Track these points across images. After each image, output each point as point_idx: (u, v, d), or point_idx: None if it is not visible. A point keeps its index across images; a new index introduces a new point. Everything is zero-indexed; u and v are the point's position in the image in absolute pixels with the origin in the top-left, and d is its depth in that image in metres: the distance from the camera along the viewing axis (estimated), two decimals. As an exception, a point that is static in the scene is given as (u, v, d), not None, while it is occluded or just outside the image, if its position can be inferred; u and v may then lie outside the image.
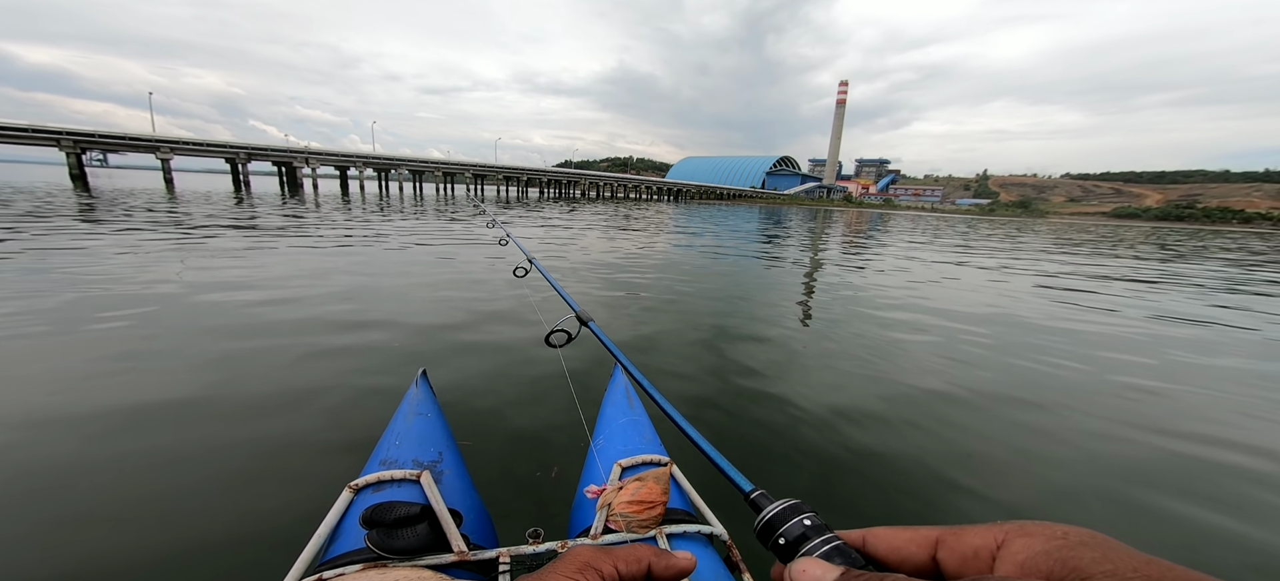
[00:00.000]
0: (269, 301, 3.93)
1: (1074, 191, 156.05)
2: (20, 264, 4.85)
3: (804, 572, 0.26)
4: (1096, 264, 10.80)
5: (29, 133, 26.53)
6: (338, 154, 38.82)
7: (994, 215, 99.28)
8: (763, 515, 0.30)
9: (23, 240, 6.26)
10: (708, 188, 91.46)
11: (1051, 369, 3.36)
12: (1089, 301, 6.02)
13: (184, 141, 31.97)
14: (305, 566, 0.66)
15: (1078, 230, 36.37)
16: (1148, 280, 8.42)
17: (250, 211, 12.22)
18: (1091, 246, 16.87)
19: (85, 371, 2.47)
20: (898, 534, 0.28)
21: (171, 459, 1.78)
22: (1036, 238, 21.18)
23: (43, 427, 1.93)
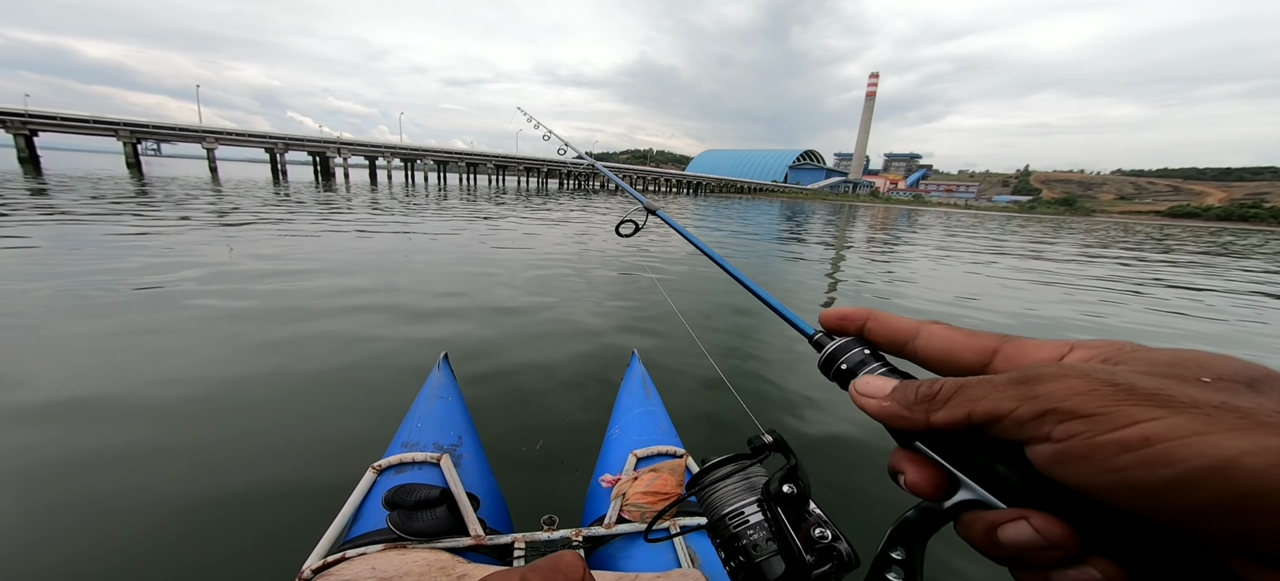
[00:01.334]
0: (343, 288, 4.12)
1: (1125, 188, 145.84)
2: (149, 245, 5.24)
3: (867, 383, 0.27)
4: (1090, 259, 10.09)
5: (91, 123, 28.55)
6: (367, 144, 40.13)
7: (1034, 212, 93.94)
8: (825, 350, 0.30)
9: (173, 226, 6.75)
10: (728, 181, 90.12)
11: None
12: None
13: (227, 132, 33.72)
14: (330, 544, 0.69)
15: (1119, 229, 34.01)
16: (1191, 285, 7.80)
17: (325, 197, 12.82)
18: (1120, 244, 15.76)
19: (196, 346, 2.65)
20: (954, 334, 0.26)
21: (231, 424, 1.90)
22: (1058, 237, 19.94)
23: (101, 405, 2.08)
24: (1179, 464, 0.15)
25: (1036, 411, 0.18)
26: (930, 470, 0.24)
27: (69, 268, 4.22)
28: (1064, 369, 0.19)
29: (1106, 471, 0.17)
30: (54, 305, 3.26)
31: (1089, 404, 0.17)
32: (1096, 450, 0.17)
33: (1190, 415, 0.16)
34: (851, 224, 19.47)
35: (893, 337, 0.28)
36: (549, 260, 6.17)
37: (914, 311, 4.66)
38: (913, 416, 0.23)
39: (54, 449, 1.73)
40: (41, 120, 27.10)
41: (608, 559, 0.78)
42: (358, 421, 2.04)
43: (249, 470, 1.69)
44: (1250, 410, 0.15)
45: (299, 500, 1.55)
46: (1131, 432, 0.16)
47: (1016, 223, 33.18)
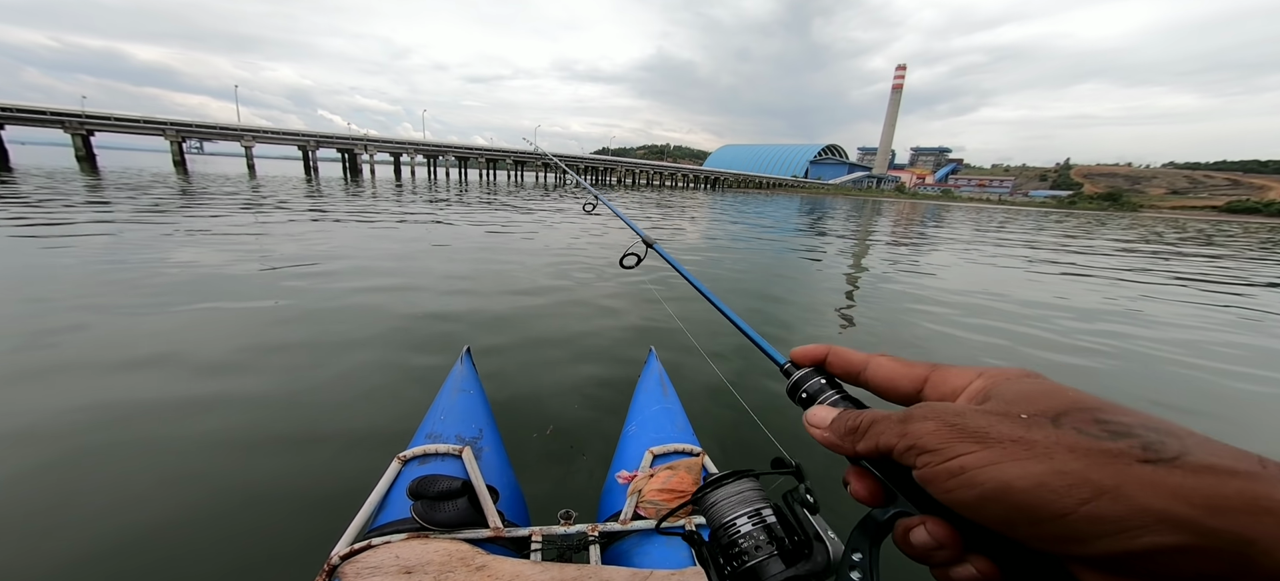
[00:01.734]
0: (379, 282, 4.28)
1: (1178, 182, 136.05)
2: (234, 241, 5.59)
3: (814, 413, 0.31)
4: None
5: (141, 123, 30.37)
6: (392, 141, 41.32)
7: (1074, 207, 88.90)
8: (792, 378, 0.35)
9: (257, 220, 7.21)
10: (746, 176, 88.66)
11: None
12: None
13: (264, 130, 35.30)
14: (357, 531, 0.72)
15: (1166, 225, 31.82)
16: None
17: (360, 193, 13.34)
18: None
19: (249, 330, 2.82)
20: (894, 366, 0.30)
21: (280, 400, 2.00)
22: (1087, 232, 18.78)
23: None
24: (979, 487, 0.20)
25: (907, 446, 0.24)
26: (870, 482, 0.28)
27: (122, 257, 4.52)
28: (926, 411, 0.24)
29: (944, 491, 0.22)
30: (111, 291, 3.49)
31: (932, 440, 0.22)
32: (938, 475, 0.22)
33: (992, 448, 0.21)
34: (874, 220, 18.88)
35: (848, 369, 0.33)
36: (566, 254, 6.23)
37: (930, 312, 4.49)
38: (844, 445, 0.28)
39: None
40: (97, 120, 28.97)
41: (622, 554, 0.79)
42: (385, 411, 2.12)
43: (283, 456, 1.78)
44: (1032, 442, 0.20)
45: (329, 486, 1.62)
46: (954, 463, 0.21)
47: (1053, 218, 31.49)
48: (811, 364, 0.35)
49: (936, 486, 0.22)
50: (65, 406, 1.99)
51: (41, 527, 1.37)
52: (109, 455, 1.72)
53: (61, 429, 1.84)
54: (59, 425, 1.86)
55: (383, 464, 0.88)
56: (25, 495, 1.49)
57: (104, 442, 1.78)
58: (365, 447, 1.84)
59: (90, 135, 28.82)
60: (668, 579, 0.65)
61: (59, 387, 2.15)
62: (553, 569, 0.66)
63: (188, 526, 1.41)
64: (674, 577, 0.65)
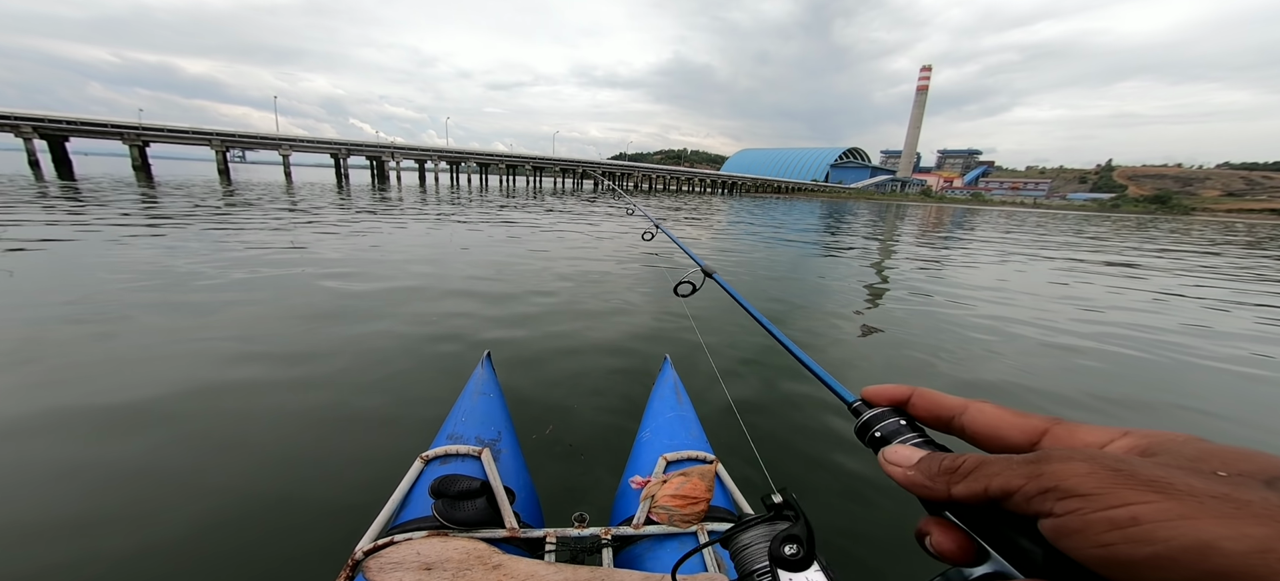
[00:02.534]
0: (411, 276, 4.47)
1: (1234, 183, 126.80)
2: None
3: (895, 452, 0.28)
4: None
5: (191, 134, 32.48)
6: (417, 148, 42.83)
7: (1116, 211, 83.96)
8: (862, 417, 0.33)
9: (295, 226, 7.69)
10: (764, 181, 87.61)
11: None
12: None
13: (300, 139, 37.19)
14: (381, 528, 0.75)
15: (1219, 228, 29.63)
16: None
17: (391, 200, 13.95)
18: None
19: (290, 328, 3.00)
20: (1002, 414, 0.27)
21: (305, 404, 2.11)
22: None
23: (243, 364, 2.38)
24: (1160, 543, 0.16)
25: (1041, 488, 0.20)
26: (958, 536, 0.24)
27: (177, 260, 4.83)
28: (1072, 452, 0.21)
29: (1098, 546, 0.18)
30: (145, 300, 3.74)
31: (1086, 484, 0.19)
32: (1090, 525, 0.18)
33: (1181, 501, 0.17)
34: (897, 226, 18.33)
35: (937, 413, 0.30)
36: (585, 262, 6.30)
37: (963, 321, 4.33)
38: (935, 486, 0.25)
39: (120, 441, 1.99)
40: (152, 132, 31.12)
41: (635, 559, 0.80)
42: (411, 411, 2.20)
43: (313, 453, 1.86)
44: (1246, 501, 0.16)
45: (357, 482, 1.68)
46: (1122, 512, 0.17)
47: (1093, 223, 29.85)
48: (889, 404, 0.32)
49: (1087, 539, 0.18)
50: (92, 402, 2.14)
51: (60, 534, 1.47)
52: (141, 446, 1.83)
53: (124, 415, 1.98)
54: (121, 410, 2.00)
55: (407, 461, 0.92)
56: (44, 497, 1.57)
57: (138, 428, 1.90)
58: (391, 446, 1.91)
59: (146, 146, 30.96)
60: (680, 584, 0.65)
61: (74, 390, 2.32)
62: (566, 570, 0.68)
63: (219, 521, 1.48)
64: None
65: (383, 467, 1.73)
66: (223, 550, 1.37)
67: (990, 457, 0.23)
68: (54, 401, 2.08)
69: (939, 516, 0.26)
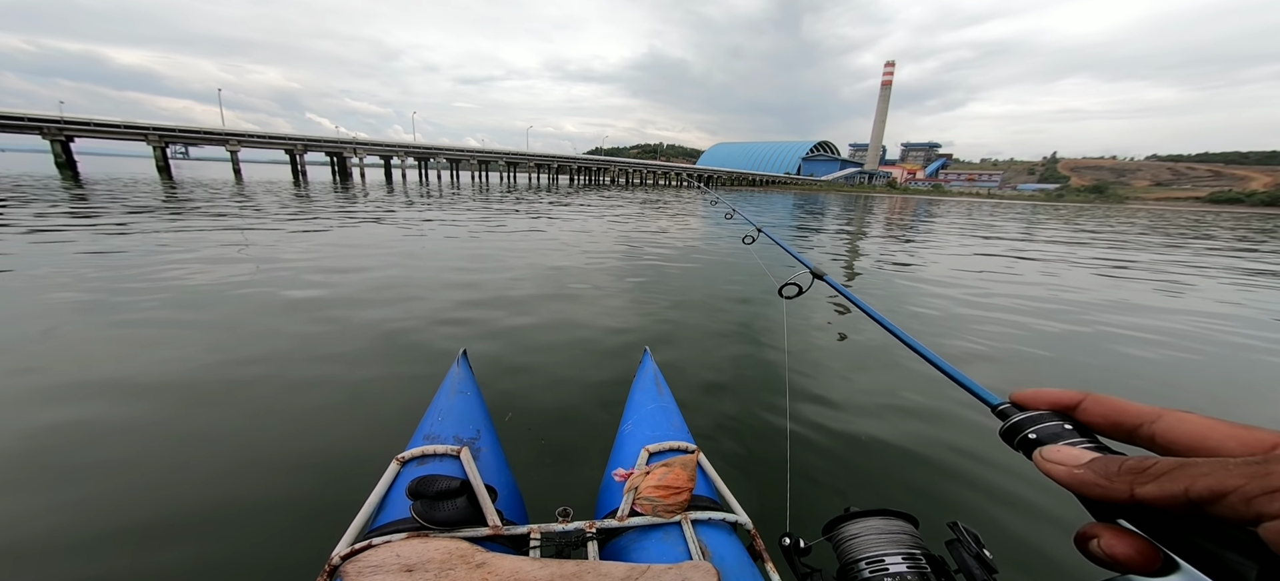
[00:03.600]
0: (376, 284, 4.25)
1: (1162, 174, 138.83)
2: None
3: (1058, 451, 0.26)
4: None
5: (123, 128, 29.76)
6: (382, 144, 40.92)
7: (1061, 200, 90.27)
8: (1011, 419, 0.31)
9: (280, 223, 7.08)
10: (740, 174, 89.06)
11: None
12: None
13: (249, 134, 34.76)
14: (358, 531, 0.73)
15: (1125, 217, 32.44)
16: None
17: (355, 197, 13.20)
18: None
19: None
20: (1212, 424, 0.24)
21: (269, 409, 1.99)
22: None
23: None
24: None
25: (1269, 487, 0.18)
26: (1137, 543, 0.22)
27: (95, 273, 4.44)
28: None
29: None
30: (78, 306, 3.44)
31: None
32: None
33: None
34: (867, 216, 19.05)
35: (1119, 420, 0.27)
36: (560, 257, 6.23)
37: (932, 294, 4.56)
38: (1112, 486, 0.22)
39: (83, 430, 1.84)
40: (77, 126, 28.34)
41: (620, 550, 0.81)
42: (383, 413, 2.12)
43: (284, 459, 1.77)
44: None
45: (329, 488, 1.62)
46: None
47: (1042, 212, 32.04)
48: (1049, 407, 0.30)
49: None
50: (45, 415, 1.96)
51: (16, 554, 1.36)
52: (100, 460, 1.70)
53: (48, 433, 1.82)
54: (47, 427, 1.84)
55: (382, 465, 0.89)
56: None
57: (91, 443, 1.76)
58: (366, 449, 1.84)
59: (70, 141, 28.19)
60: (664, 573, 0.67)
61: (40, 399, 2.12)
62: (551, 565, 0.68)
63: (186, 530, 1.41)
64: (670, 571, 0.67)
65: (358, 471, 1.68)
66: (190, 558, 1.31)
67: (1193, 460, 0.21)
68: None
69: (1110, 522, 0.24)
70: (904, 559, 0.33)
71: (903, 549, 0.34)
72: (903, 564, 0.32)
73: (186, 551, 1.35)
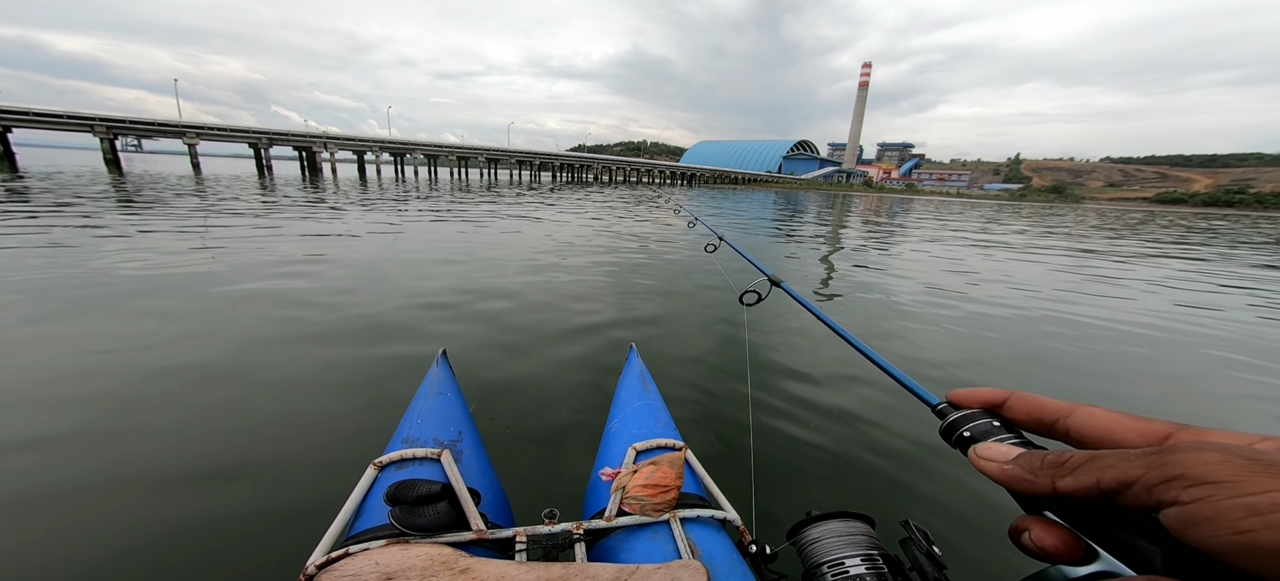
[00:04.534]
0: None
1: (1114, 176, 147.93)
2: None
3: (989, 448, 0.28)
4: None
5: (64, 119, 27.65)
6: (356, 139, 39.42)
7: (1024, 200, 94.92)
8: (949, 418, 0.33)
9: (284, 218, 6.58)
10: (722, 172, 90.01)
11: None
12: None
13: (209, 127, 32.87)
14: (333, 540, 0.69)
15: (1094, 215, 34.55)
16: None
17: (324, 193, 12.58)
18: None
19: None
20: (1116, 418, 0.26)
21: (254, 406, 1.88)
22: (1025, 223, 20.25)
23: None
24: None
25: (1165, 476, 0.19)
26: (1062, 533, 0.24)
27: (58, 263, 4.12)
28: (1201, 444, 0.20)
29: (1233, 533, 0.17)
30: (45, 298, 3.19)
31: (1219, 472, 0.18)
32: (1223, 512, 0.18)
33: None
34: (845, 214, 19.56)
35: (1038, 416, 0.29)
36: (543, 255, 6.15)
37: (901, 291, 4.71)
38: (1037, 480, 0.24)
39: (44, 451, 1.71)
40: (13, 116, 26.21)
41: (608, 551, 0.80)
42: (358, 418, 2.04)
43: (252, 466, 1.69)
44: None
45: (301, 496, 1.55)
46: (1262, 498, 0.17)
47: (1009, 211, 33.63)
48: (980, 406, 0.32)
49: (1220, 526, 0.18)
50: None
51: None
52: (57, 475, 1.57)
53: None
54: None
55: (358, 471, 0.85)
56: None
57: (59, 460, 1.63)
58: (340, 455, 1.77)
59: (7, 131, 26.05)
60: (653, 573, 0.66)
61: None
62: (538, 568, 0.66)
63: (153, 538, 1.32)
64: (659, 571, 0.66)
65: (333, 477, 1.61)
66: (164, 569, 1.24)
67: (1102, 452, 0.23)
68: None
69: (1037, 514, 0.25)
70: (863, 560, 0.34)
71: (861, 550, 0.35)
72: (862, 565, 0.34)
73: (152, 561, 1.27)
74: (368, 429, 1.94)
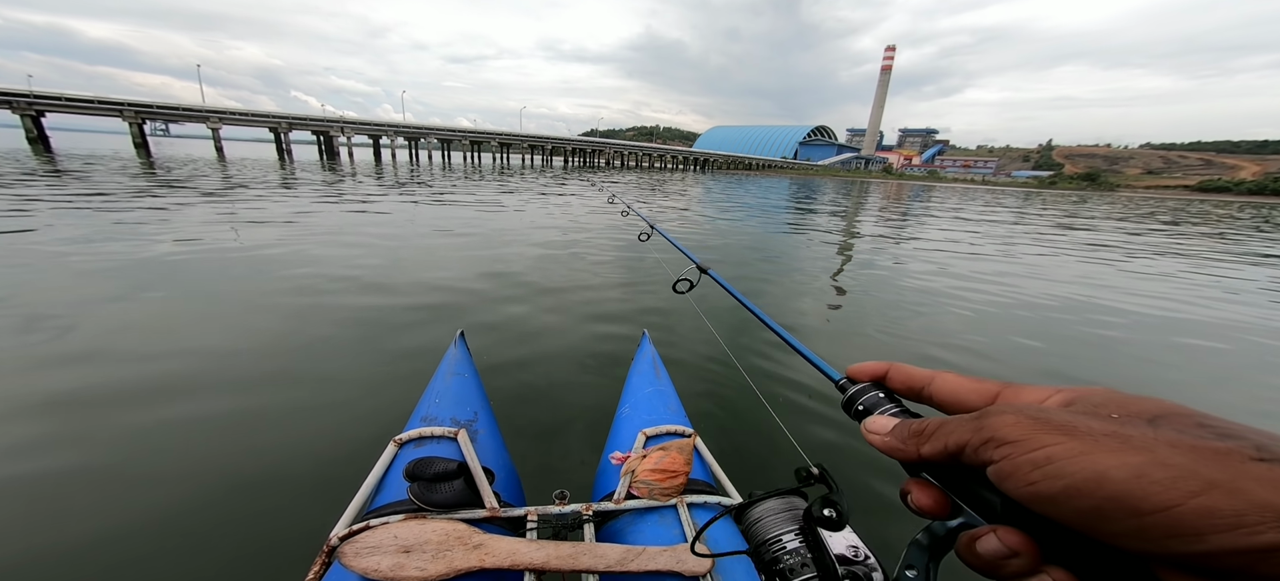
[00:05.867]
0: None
1: (1154, 163, 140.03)
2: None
3: (874, 421, 0.31)
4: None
5: (95, 104, 28.59)
6: (371, 123, 39.82)
7: (1054, 188, 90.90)
8: (847, 393, 0.36)
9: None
10: (736, 157, 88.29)
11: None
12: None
13: (232, 112, 33.59)
14: (356, 513, 0.73)
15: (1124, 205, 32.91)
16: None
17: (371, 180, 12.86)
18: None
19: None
20: (961, 381, 0.30)
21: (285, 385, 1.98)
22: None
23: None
24: (1068, 477, 0.19)
25: (982, 440, 0.23)
26: (933, 492, 0.27)
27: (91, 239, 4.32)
28: (1004, 407, 0.24)
29: (1026, 484, 0.21)
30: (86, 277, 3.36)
31: (1013, 432, 0.22)
32: (1019, 468, 0.21)
33: (1081, 440, 0.20)
34: (863, 201, 19.05)
35: (910, 385, 0.33)
36: (560, 241, 6.17)
37: (920, 287, 4.61)
38: (907, 449, 0.28)
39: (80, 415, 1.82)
40: (47, 101, 27.18)
41: (616, 533, 0.82)
42: (380, 395, 2.11)
43: (284, 441, 1.77)
44: (1128, 436, 0.19)
45: (327, 468, 1.62)
46: (1039, 453, 0.20)
47: (1037, 200, 32.31)
48: (871, 379, 0.35)
49: (1017, 479, 0.21)
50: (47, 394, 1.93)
51: (27, 531, 1.35)
52: (103, 446, 1.68)
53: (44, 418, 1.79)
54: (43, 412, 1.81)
55: (380, 446, 0.89)
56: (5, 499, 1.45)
57: (93, 434, 1.74)
58: (361, 431, 1.84)
59: (41, 116, 27.06)
60: (659, 554, 0.67)
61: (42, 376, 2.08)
62: (548, 547, 0.68)
63: (188, 513, 1.41)
64: (665, 553, 0.68)
65: (356, 452, 1.68)
66: (195, 537, 1.32)
67: (948, 419, 0.26)
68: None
69: (917, 477, 0.28)
70: (797, 534, 0.36)
71: (797, 525, 0.37)
72: (796, 540, 0.36)
73: (185, 526, 1.35)
74: (389, 406, 2.01)
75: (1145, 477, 0.18)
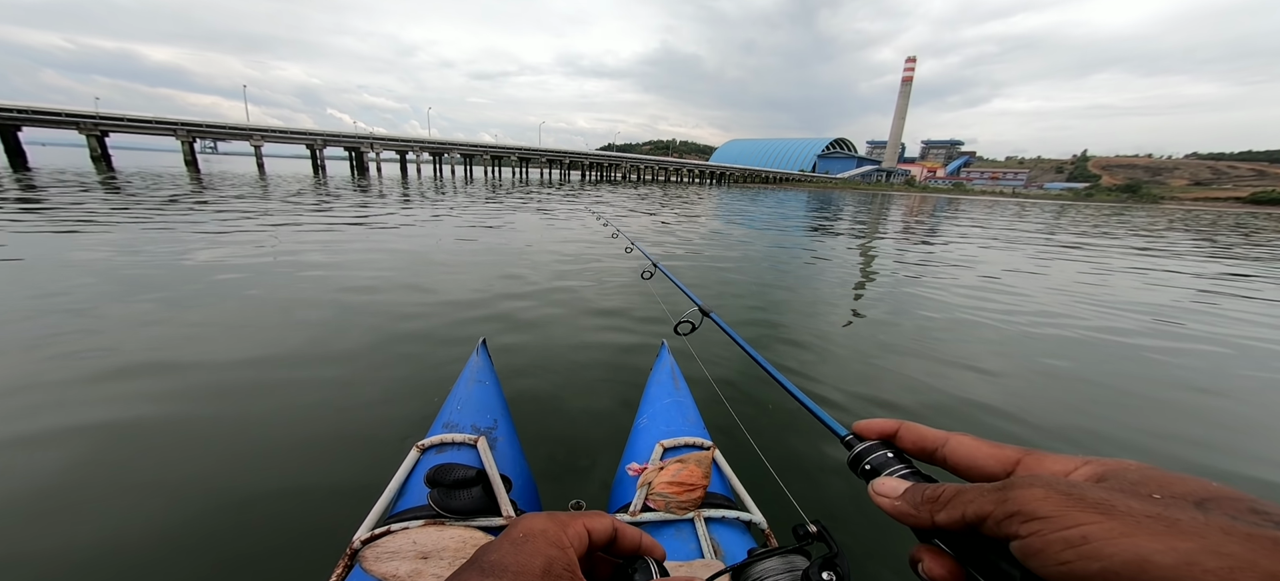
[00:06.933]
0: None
1: (1201, 173, 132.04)
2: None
3: (883, 483, 0.30)
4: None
5: (154, 123, 30.91)
6: (398, 139, 41.62)
7: (1090, 200, 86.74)
8: (854, 450, 0.35)
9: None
10: (753, 171, 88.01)
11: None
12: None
13: (273, 130, 35.75)
14: (378, 516, 0.74)
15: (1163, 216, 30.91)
16: None
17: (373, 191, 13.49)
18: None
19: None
20: (979, 445, 0.29)
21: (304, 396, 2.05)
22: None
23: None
24: (1106, 559, 0.18)
25: (1007, 513, 0.22)
26: (946, 562, 0.26)
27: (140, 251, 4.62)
28: (1032, 479, 0.22)
29: (1057, 563, 0.19)
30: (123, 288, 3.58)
31: (1044, 507, 0.20)
32: (1050, 545, 0.20)
33: (1120, 520, 0.19)
34: (884, 215, 18.61)
35: (921, 445, 0.32)
36: (578, 254, 6.24)
37: (942, 302, 4.44)
38: (919, 515, 0.26)
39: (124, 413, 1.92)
40: (111, 121, 29.52)
41: (633, 545, 0.80)
42: (406, 400, 2.17)
43: (312, 442, 1.83)
44: (1175, 519, 0.18)
45: (353, 472, 1.66)
46: (1073, 532, 0.19)
47: (1071, 212, 30.88)
48: (878, 437, 0.34)
49: (1047, 558, 0.20)
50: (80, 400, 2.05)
51: (45, 535, 1.42)
52: (130, 451, 1.77)
53: (80, 425, 1.90)
54: (77, 421, 1.92)
55: (403, 451, 0.91)
56: (26, 506, 1.53)
57: (125, 435, 1.84)
58: (387, 435, 1.88)
59: (105, 136, 29.38)
60: (676, 569, 0.66)
61: (75, 392, 2.22)
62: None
63: (214, 508, 1.46)
64: (682, 568, 0.66)
65: (380, 458, 1.71)
66: (221, 537, 1.36)
67: (966, 486, 0.25)
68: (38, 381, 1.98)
69: (929, 544, 0.27)
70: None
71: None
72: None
73: (213, 527, 1.39)
74: (413, 412, 2.05)
75: (1196, 565, 0.16)
